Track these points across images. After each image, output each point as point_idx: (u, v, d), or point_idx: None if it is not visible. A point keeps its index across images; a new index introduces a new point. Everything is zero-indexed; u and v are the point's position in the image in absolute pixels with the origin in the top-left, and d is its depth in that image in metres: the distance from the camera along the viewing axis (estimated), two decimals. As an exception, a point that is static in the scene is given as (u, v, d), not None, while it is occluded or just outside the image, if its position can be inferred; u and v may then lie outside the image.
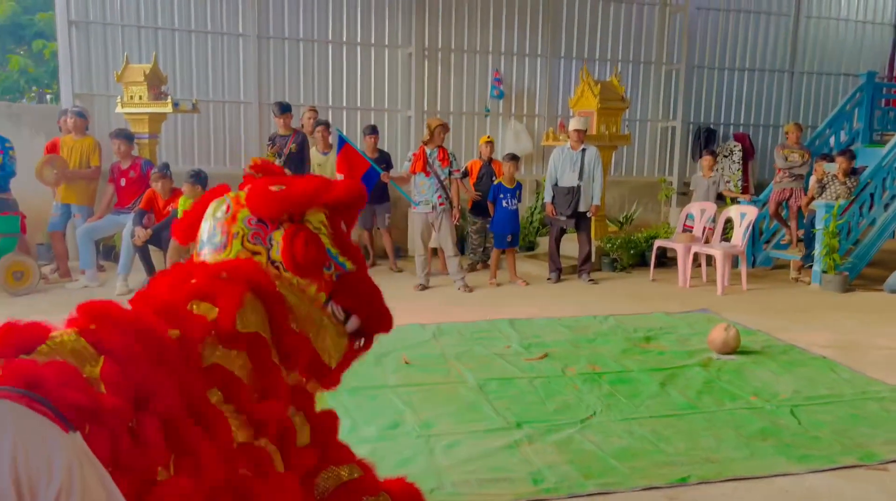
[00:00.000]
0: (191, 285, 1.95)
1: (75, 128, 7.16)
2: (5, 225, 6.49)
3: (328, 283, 2.26)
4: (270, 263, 2.18)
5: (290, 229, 2.18)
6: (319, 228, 2.24)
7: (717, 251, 7.28)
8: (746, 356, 4.94)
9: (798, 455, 3.38)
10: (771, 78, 11.39)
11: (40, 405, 0.78)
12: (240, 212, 2.21)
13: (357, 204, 2.40)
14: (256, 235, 2.19)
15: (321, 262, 2.22)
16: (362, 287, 2.34)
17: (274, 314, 2.05)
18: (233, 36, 8.88)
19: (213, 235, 2.23)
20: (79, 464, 0.77)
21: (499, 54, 9.97)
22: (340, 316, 2.29)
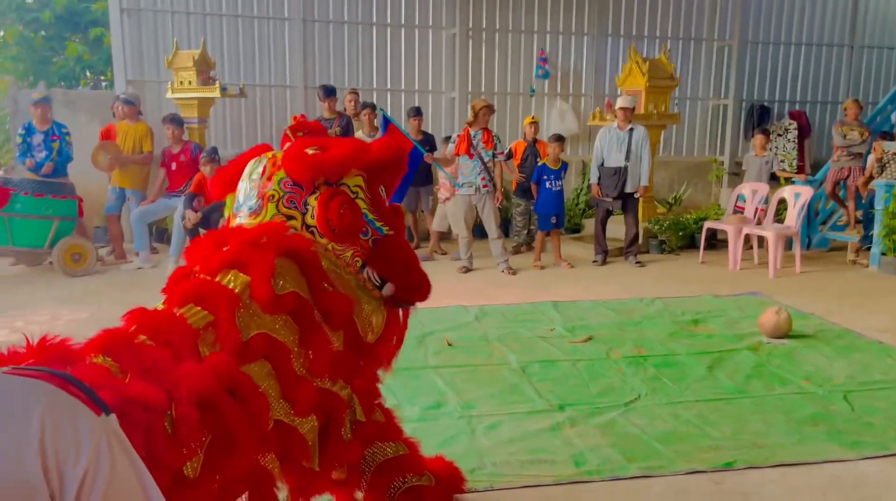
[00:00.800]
0: (222, 255, 1.94)
1: (126, 114, 7.36)
2: (64, 209, 6.72)
3: (364, 248, 2.22)
4: (305, 227, 2.15)
5: (326, 194, 2.13)
6: (357, 191, 2.20)
7: (770, 233, 7.07)
8: (798, 340, 4.80)
9: (850, 442, 3.28)
10: (829, 52, 10.94)
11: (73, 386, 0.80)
12: (276, 174, 2.18)
13: (395, 166, 2.34)
14: (291, 198, 2.16)
15: (357, 227, 2.18)
16: (398, 253, 2.29)
17: (310, 275, 2.02)
18: (278, 20, 8.96)
19: (248, 197, 2.21)
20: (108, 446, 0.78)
21: (544, 34, 9.83)
22: (376, 281, 2.26)
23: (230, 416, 1.67)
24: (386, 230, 2.27)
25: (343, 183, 2.19)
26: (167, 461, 1.50)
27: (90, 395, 0.81)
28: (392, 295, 2.32)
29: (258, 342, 1.84)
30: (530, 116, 8.74)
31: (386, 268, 2.26)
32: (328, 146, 2.23)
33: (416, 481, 2.46)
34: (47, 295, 5.94)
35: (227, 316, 1.78)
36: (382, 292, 2.30)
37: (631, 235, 7.51)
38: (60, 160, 6.94)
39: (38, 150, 7.01)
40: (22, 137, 7.05)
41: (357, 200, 2.19)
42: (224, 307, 1.79)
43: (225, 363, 1.71)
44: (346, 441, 2.16)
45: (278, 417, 1.88)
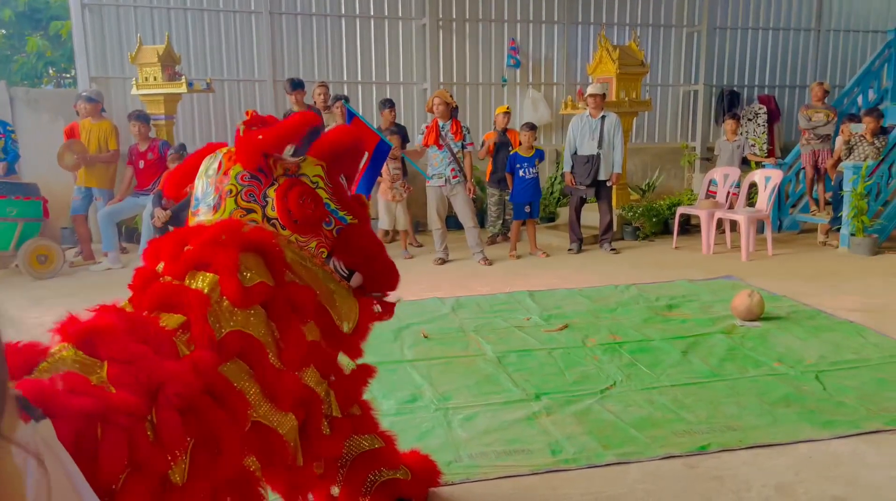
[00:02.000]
0: (185, 256, 1.91)
1: (88, 112, 7.19)
2: (28, 210, 6.57)
3: (328, 239, 2.19)
4: (266, 220, 2.11)
5: (285, 184, 2.10)
6: (317, 181, 2.16)
7: (741, 217, 7.14)
8: (771, 322, 4.85)
9: (822, 421, 3.31)
10: (796, 37, 11.05)
11: None
12: (232, 168, 2.15)
13: (353, 151, 2.30)
14: (250, 191, 2.12)
15: (318, 217, 2.14)
16: (363, 241, 2.25)
17: (274, 267, 1.99)
18: (245, 13, 8.84)
19: (206, 194, 2.17)
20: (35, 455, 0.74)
21: (514, 22, 9.80)
22: (343, 272, 2.23)
23: (213, 418, 1.65)
24: (349, 219, 2.22)
25: (302, 173, 2.15)
26: (153, 466, 1.48)
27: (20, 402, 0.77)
28: (361, 285, 2.29)
29: (232, 341, 1.81)
30: (503, 105, 8.71)
31: (351, 258, 2.22)
32: (274, 126, 2.19)
33: (391, 475, 2.45)
34: (13, 298, 5.81)
35: (199, 317, 1.76)
36: (350, 283, 2.26)
37: (605, 222, 7.53)
38: (9, 159, 6.78)
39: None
40: None
41: (318, 189, 2.15)
42: (195, 308, 1.77)
43: (205, 362, 1.68)
44: (326, 436, 2.13)
45: (256, 418, 1.85)
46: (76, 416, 1.32)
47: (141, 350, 1.59)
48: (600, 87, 7.57)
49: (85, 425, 1.34)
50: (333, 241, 2.20)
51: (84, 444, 1.35)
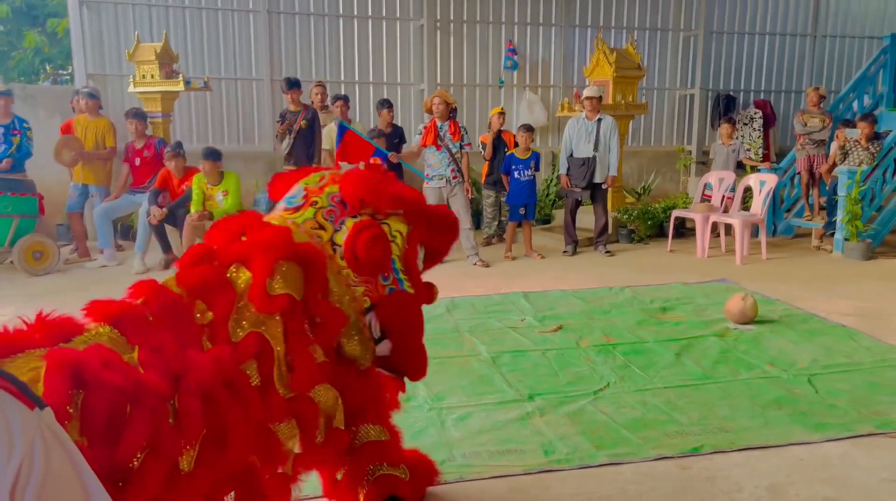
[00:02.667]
0: (235, 247, 1.98)
1: (88, 109, 7.18)
2: (24, 206, 6.56)
3: (378, 293, 2.17)
4: (331, 243, 2.14)
5: (364, 222, 2.13)
6: (395, 236, 2.19)
7: (736, 220, 7.16)
8: (764, 325, 4.87)
9: (814, 424, 3.33)
10: (793, 42, 11.10)
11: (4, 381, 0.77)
12: (329, 187, 2.23)
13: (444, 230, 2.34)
14: (332, 212, 2.18)
15: (380, 266, 2.14)
16: (412, 313, 2.23)
17: (312, 282, 2.00)
18: (243, 12, 8.84)
19: (295, 195, 2.25)
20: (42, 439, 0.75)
21: (512, 25, 9.82)
22: (376, 333, 2.19)
23: (228, 412, 1.68)
24: (407, 286, 2.22)
25: (387, 222, 2.19)
26: (168, 450, 1.51)
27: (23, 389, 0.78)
28: (385, 355, 2.25)
29: (249, 342, 1.84)
30: (498, 107, 8.73)
31: (391, 322, 2.20)
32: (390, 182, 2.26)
33: (390, 470, 2.45)
34: (8, 294, 5.79)
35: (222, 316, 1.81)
36: (377, 348, 2.22)
37: (600, 225, 7.55)
38: (20, 156, 6.76)
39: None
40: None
41: (393, 243, 2.18)
42: (221, 309, 1.82)
43: (227, 358, 1.73)
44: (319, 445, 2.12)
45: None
46: (109, 389, 1.37)
47: (167, 339, 1.64)
48: (597, 89, 7.60)
49: (116, 399, 1.40)
50: (382, 297, 2.18)
51: (114, 418, 1.39)
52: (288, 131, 7.23)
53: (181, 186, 6.72)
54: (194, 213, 6.41)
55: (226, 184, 6.53)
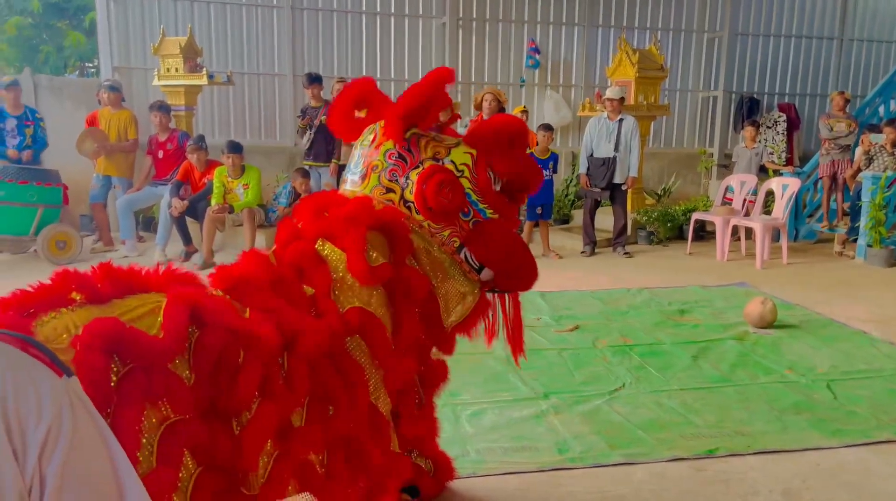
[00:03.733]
0: (320, 224, 2.01)
1: (110, 102, 7.28)
2: (49, 196, 6.66)
3: (464, 229, 2.15)
4: (403, 202, 2.11)
5: (427, 171, 2.08)
6: (462, 170, 2.11)
7: (757, 224, 7.10)
8: (783, 330, 4.83)
9: (832, 430, 3.30)
10: (819, 45, 10.97)
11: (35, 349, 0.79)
12: (384, 144, 2.16)
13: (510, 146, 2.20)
14: (394, 171, 2.13)
15: (456, 208, 2.10)
16: (500, 238, 2.18)
17: (396, 249, 2.02)
18: (266, 7, 8.90)
19: (356, 164, 2.22)
20: (70, 407, 0.77)
21: (534, 24, 9.80)
22: (474, 264, 2.18)
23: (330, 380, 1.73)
24: (490, 213, 2.17)
25: (450, 159, 2.12)
26: (281, 400, 1.57)
27: (52, 357, 0.80)
28: (490, 280, 2.25)
29: (353, 317, 1.85)
30: (520, 105, 8.71)
31: (484, 252, 2.16)
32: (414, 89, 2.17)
33: (418, 459, 2.45)
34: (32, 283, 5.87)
35: (324, 293, 1.86)
36: (481, 276, 2.21)
37: (619, 226, 7.52)
38: (36, 147, 6.87)
39: (11, 135, 6.93)
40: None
41: (461, 178, 2.11)
42: (320, 285, 1.86)
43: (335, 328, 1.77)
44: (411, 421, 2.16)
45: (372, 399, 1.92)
46: (224, 331, 1.45)
47: (280, 303, 1.69)
48: (619, 90, 7.56)
49: (229, 342, 1.46)
50: (468, 232, 2.15)
51: (225, 361, 1.46)
52: (309, 127, 7.27)
53: (202, 179, 6.79)
54: (215, 205, 6.47)
55: (247, 178, 6.59)
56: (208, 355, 1.43)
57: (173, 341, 1.36)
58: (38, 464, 0.75)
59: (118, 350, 1.29)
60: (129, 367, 1.30)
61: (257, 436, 1.52)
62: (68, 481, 0.76)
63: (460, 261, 2.16)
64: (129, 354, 1.30)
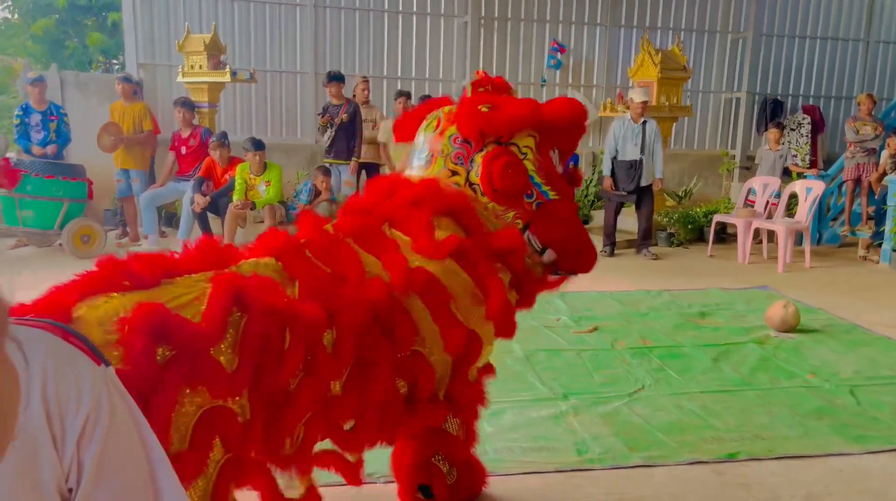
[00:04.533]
0: (387, 206, 2.04)
1: (123, 94, 7.37)
2: (74, 190, 6.75)
3: (527, 211, 2.20)
4: (468, 184, 2.16)
5: (492, 153, 2.13)
6: (526, 152, 2.17)
7: (780, 227, 7.03)
8: (806, 334, 4.78)
9: (855, 436, 3.26)
10: (844, 47, 10.83)
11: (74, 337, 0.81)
12: (448, 129, 2.21)
13: (570, 128, 2.26)
14: (459, 154, 2.18)
15: (520, 189, 2.14)
16: (562, 220, 2.23)
17: (468, 225, 2.06)
18: (290, 5, 8.95)
19: (421, 149, 2.26)
20: (108, 396, 0.79)
21: (556, 23, 9.77)
22: (536, 246, 2.24)
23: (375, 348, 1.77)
24: (552, 195, 2.22)
25: (513, 142, 2.16)
26: (323, 374, 1.64)
27: (90, 347, 0.82)
28: (553, 262, 2.30)
29: (419, 274, 1.89)
30: None
31: (547, 234, 2.21)
32: (501, 104, 2.21)
33: (440, 463, 2.39)
34: (56, 277, 5.95)
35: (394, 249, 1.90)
36: (543, 258, 2.27)
37: (644, 228, 7.46)
38: (60, 142, 6.98)
39: (36, 130, 7.03)
40: (19, 118, 7.06)
41: (525, 161, 2.15)
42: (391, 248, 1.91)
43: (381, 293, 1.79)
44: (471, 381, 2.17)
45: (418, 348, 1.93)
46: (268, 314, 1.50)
47: (326, 276, 1.74)
48: (645, 93, 7.46)
49: (274, 324, 1.52)
50: (532, 214, 2.20)
51: (270, 343, 1.51)
52: (329, 124, 7.30)
53: (224, 175, 6.84)
54: (237, 202, 6.53)
55: (268, 175, 6.63)
56: (253, 341, 1.48)
57: (214, 329, 1.41)
58: (76, 450, 0.76)
59: (163, 335, 1.34)
60: (172, 353, 1.35)
61: (298, 410, 1.60)
62: (105, 467, 0.78)
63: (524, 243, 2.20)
64: (173, 339, 1.35)
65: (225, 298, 1.45)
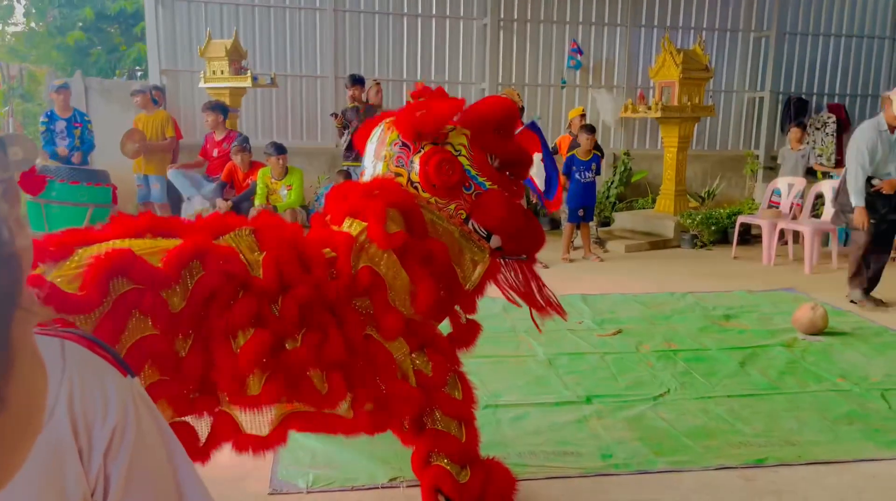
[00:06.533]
0: (345, 205, 2.33)
1: (143, 105, 7.45)
2: (99, 196, 6.81)
3: (468, 202, 2.40)
4: (410, 183, 2.39)
5: (428, 152, 2.35)
6: (460, 149, 2.38)
7: (806, 228, 6.91)
8: (834, 337, 4.69)
9: (887, 441, 3.18)
10: (870, 44, 10.66)
11: (100, 348, 0.80)
12: (389, 136, 2.44)
13: (501, 122, 2.47)
14: (399, 158, 2.41)
15: (456, 182, 2.35)
16: (500, 206, 2.40)
17: (412, 223, 2.28)
18: (310, 10, 9.00)
19: (369, 156, 2.53)
20: (134, 405, 0.78)
21: (576, 24, 9.72)
22: (482, 233, 2.44)
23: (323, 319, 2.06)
24: (489, 185, 2.41)
25: (447, 142, 2.38)
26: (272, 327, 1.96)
27: (116, 357, 0.81)
28: (500, 246, 2.48)
29: (364, 275, 2.16)
30: (578, 107, 8.60)
31: (485, 219, 2.40)
32: (433, 107, 2.41)
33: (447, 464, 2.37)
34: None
35: (345, 253, 2.16)
36: (490, 244, 2.45)
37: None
38: (84, 149, 7.07)
39: (60, 137, 7.13)
40: (45, 125, 7.17)
41: (460, 157, 2.37)
42: (342, 246, 2.17)
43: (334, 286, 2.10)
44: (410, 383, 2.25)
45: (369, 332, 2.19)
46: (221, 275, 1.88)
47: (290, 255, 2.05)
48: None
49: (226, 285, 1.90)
50: (472, 204, 2.40)
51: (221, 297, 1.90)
52: (344, 127, 7.32)
53: (246, 180, 6.88)
54: (259, 206, 6.55)
55: (290, 179, 6.66)
56: (201, 291, 1.85)
57: (168, 274, 1.80)
58: (103, 463, 0.75)
59: (123, 271, 1.74)
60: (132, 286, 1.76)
61: (249, 349, 1.92)
62: (133, 480, 0.77)
63: (469, 231, 2.41)
64: (133, 275, 1.76)
65: (186, 254, 1.83)
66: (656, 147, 9.73)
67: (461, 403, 2.37)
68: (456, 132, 2.38)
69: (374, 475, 2.76)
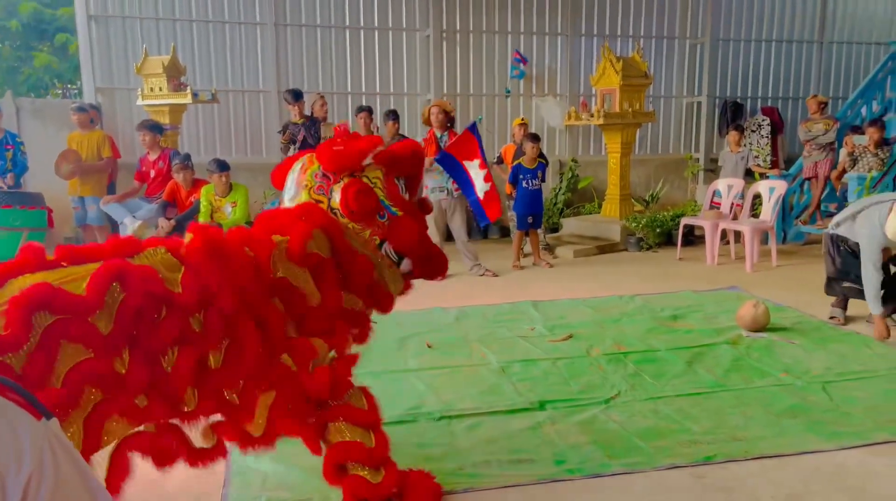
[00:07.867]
0: (273, 223, 2.50)
1: (80, 123, 7.25)
2: (33, 219, 6.57)
3: (382, 228, 2.65)
4: (330, 210, 2.62)
5: (347, 183, 2.60)
6: (375, 182, 2.63)
7: (746, 227, 7.12)
8: (776, 332, 4.83)
9: (829, 432, 3.28)
10: (799, 49, 11.08)
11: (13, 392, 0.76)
12: (310, 167, 2.69)
13: (408, 161, 2.76)
14: (320, 187, 2.66)
15: (372, 209, 2.60)
16: (410, 231, 2.66)
17: (337, 243, 2.48)
18: (250, 25, 8.89)
19: (289, 188, 2.75)
20: (50, 450, 0.74)
21: (518, 34, 9.84)
22: (394, 257, 2.68)
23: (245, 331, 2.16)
24: (398, 212, 2.65)
25: (364, 175, 2.62)
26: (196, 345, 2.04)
27: (30, 400, 0.77)
28: (410, 271, 2.73)
29: (283, 283, 2.33)
30: (519, 117, 8.67)
31: (398, 243, 2.66)
32: (351, 144, 2.67)
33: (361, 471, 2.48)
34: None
35: (266, 257, 2.31)
36: (401, 268, 2.70)
37: None
38: (17, 171, 6.83)
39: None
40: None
41: (375, 188, 2.62)
42: (265, 251, 2.32)
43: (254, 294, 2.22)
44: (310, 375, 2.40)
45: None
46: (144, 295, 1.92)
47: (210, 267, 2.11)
48: None
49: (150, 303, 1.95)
50: (385, 230, 2.65)
51: (146, 316, 1.95)
52: (291, 142, 7.24)
53: (189, 198, 6.73)
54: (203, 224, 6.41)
55: (234, 196, 6.53)
56: (127, 312, 1.89)
57: (91, 299, 1.83)
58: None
59: (45, 305, 1.76)
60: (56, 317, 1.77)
61: (181, 370, 2.01)
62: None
63: (382, 256, 2.64)
64: (55, 307, 1.77)
65: (105, 277, 1.87)
66: (600, 153, 9.90)
67: (366, 412, 2.54)
68: (372, 168, 2.64)
69: (326, 494, 2.71)
